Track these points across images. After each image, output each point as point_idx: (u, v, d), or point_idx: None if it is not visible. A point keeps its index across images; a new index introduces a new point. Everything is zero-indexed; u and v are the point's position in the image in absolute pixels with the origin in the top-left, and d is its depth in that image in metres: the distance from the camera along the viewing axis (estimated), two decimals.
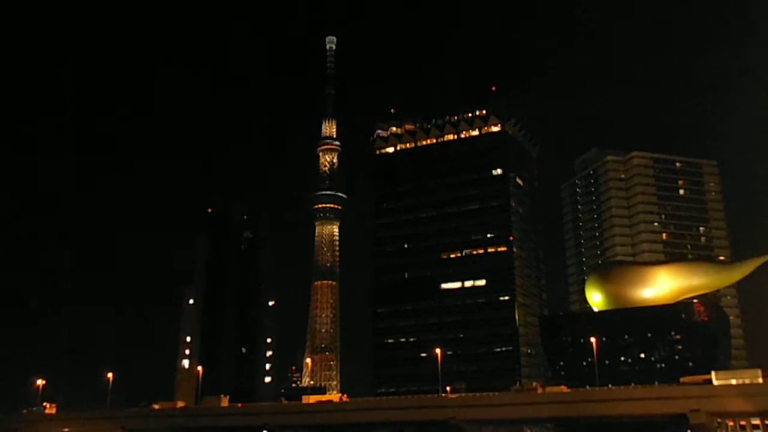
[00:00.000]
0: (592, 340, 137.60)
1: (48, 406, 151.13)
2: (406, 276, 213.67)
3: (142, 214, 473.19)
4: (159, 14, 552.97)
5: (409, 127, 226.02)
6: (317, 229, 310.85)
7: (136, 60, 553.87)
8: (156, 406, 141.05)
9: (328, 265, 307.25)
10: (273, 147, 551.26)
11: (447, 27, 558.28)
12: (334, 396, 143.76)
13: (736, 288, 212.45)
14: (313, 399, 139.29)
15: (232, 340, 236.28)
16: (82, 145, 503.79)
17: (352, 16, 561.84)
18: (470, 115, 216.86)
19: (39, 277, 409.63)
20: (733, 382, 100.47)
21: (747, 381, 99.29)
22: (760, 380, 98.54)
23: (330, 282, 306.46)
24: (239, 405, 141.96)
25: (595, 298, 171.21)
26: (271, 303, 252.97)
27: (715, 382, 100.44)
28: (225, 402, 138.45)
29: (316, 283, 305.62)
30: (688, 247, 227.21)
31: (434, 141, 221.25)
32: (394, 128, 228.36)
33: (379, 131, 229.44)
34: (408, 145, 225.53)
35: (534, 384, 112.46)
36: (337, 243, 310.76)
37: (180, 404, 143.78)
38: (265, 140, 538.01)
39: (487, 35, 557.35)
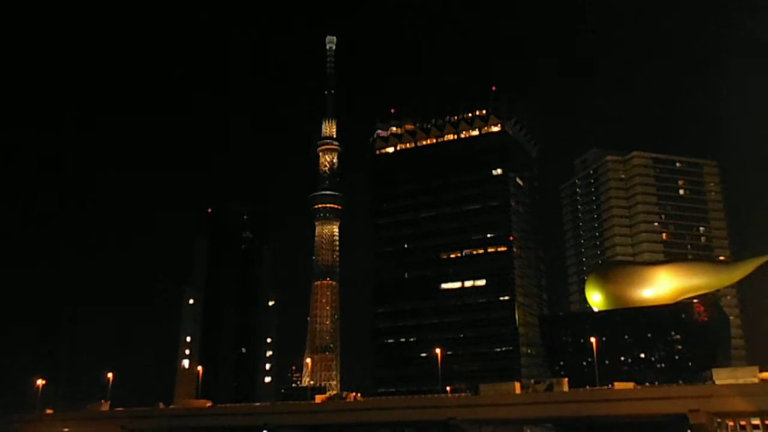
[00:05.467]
0: (592, 340, 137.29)
1: None
2: (406, 276, 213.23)
3: (143, 214, 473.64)
4: (159, 15, 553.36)
5: (409, 127, 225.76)
6: (317, 229, 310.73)
7: (136, 60, 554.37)
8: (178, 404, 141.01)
9: (328, 265, 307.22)
10: (273, 147, 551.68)
11: (447, 27, 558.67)
12: (348, 396, 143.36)
13: (736, 288, 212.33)
14: (324, 398, 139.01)
15: (232, 340, 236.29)
16: (82, 143, 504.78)
17: (352, 15, 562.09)
18: (470, 115, 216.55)
19: (39, 277, 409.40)
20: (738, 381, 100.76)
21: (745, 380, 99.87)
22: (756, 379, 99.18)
23: (330, 282, 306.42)
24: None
25: (595, 298, 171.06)
26: (271, 303, 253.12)
27: (717, 381, 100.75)
28: (106, 406, 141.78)
29: (316, 283, 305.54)
30: (688, 247, 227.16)
31: (434, 141, 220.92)
32: (394, 128, 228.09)
33: (379, 131, 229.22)
34: (408, 145, 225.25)
35: (352, 394, 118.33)
36: (337, 243, 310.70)
37: (208, 404, 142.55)
38: (266, 140, 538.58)
39: (487, 35, 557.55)
